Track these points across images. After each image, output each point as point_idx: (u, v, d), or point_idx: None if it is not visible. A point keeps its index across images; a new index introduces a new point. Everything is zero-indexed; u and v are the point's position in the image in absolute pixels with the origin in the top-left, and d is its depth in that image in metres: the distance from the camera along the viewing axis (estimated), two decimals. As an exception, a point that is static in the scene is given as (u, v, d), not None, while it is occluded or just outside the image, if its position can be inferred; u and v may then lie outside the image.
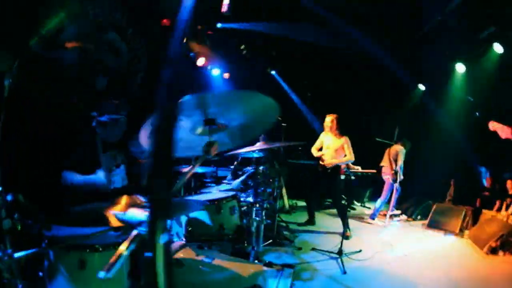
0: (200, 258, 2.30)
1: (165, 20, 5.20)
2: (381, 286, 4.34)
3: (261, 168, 5.04)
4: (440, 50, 9.26)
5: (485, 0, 7.02)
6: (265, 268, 2.22)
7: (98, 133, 2.69)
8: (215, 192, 3.73)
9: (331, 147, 6.68)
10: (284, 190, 8.40)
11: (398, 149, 8.15)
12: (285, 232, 6.29)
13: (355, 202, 10.11)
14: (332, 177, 6.65)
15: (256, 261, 2.94)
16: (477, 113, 9.65)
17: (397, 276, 4.71)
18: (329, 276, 4.47)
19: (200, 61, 7.63)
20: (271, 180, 5.75)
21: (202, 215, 2.89)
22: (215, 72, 8.75)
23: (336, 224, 5.16)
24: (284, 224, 6.73)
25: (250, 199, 3.55)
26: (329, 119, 6.76)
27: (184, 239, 2.81)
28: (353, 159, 6.69)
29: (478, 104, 9.51)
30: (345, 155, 6.65)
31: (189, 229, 2.83)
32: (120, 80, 3.98)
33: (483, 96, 8.62)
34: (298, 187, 8.81)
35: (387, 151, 8.38)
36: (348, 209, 9.06)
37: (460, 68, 9.64)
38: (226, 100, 1.88)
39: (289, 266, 2.37)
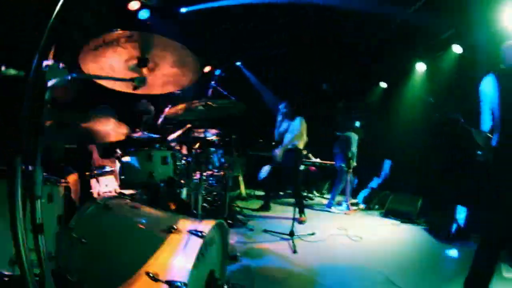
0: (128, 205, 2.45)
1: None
2: (330, 265, 4.14)
3: (211, 149, 4.99)
4: (402, 49, 9.42)
5: (445, 3, 7.12)
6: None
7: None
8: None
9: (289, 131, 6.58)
10: (241, 178, 8.26)
11: (350, 136, 8.19)
12: (239, 216, 6.07)
13: (314, 193, 10.02)
14: (291, 158, 6.45)
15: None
16: (437, 114, 9.83)
17: (348, 257, 4.58)
18: (279, 255, 4.28)
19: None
20: (226, 165, 5.65)
21: (133, 161, 2.85)
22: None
23: (291, 211, 4.96)
24: (238, 209, 6.54)
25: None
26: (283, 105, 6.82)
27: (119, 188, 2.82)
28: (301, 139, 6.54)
29: (438, 105, 9.64)
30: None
31: (122, 177, 2.83)
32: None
33: (442, 97, 8.63)
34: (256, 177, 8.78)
35: (338, 138, 8.41)
36: (307, 198, 9.01)
37: (420, 67, 9.89)
38: (161, 45, 2.02)
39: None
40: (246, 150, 9.22)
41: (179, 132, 3.31)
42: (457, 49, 8.42)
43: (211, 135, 5.19)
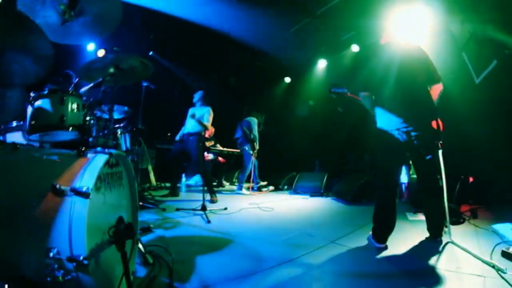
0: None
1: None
2: (244, 229, 4.16)
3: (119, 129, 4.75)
4: (306, 47, 9.87)
5: (347, 9, 7.67)
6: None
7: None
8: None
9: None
10: (150, 168, 8.05)
11: (250, 120, 8.44)
12: (150, 200, 5.86)
13: (224, 182, 10.04)
14: (194, 141, 6.40)
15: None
16: (340, 109, 10.46)
17: (261, 222, 4.66)
18: (192, 225, 4.20)
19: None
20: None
21: (45, 104, 2.68)
22: (90, 47, 8.06)
23: (201, 197, 4.90)
24: (149, 196, 6.33)
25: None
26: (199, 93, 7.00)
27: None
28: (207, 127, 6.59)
29: (339, 100, 10.23)
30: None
31: (32, 122, 2.62)
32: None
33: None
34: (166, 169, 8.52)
35: (239, 124, 8.62)
36: (219, 187, 9.02)
37: (322, 63, 10.51)
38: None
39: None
40: (154, 143, 9.00)
41: (91, 85, 3.10)
42: (355, 48, 9.12)
43: (120, 113, 4.91)
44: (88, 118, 3.02)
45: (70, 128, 2.68)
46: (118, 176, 2.19)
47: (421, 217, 4.36)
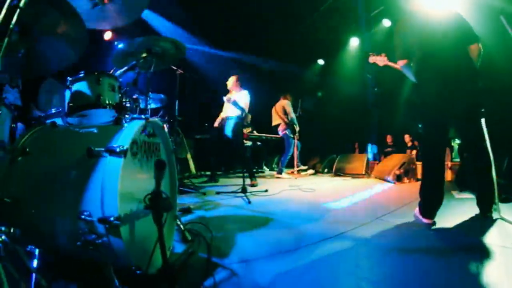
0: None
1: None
2: (285, 208, 4.05)
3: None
4: (335, 27, 9.67)
5: None
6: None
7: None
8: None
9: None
10: (189, 156, 8.06)
11: (284, 103, 8.24)
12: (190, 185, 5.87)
13: (265, 168, 9.98)
14: (233, 126, 6.36)
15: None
16: (376, 89, 10.23)
17: (303, 201, 4.56)
18: (233, 206, 4.14)
19: (107, 35, 7.30)
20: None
21: (82, 86, 2.66)
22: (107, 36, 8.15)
23: (241, 181, 4.85)
24: (190, 183, 6.34)
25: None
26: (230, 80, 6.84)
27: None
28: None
29: (375, 80, 10.02)
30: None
31: (70, 104, 2.61)
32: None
33: (377, 68, 8.98)
34: (205, 158, 8.54)
35: (273, 109, 8.46)
36: (258, 173, 8.97)
37: (354, 42, 10.22)
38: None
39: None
40: (192, 133, 9.04)
41: (125, 68, 3.11)
42: (386, 23, 8.79)
43: (156, 102, 4.93)
44: (124, 99, 3.03)
45: (107, 107, 2.66)
46: (156, 147, 2.17)
47: (468, 195, 4.14)
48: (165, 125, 4.88)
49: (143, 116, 1.99)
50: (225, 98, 6.58)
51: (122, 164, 1.59)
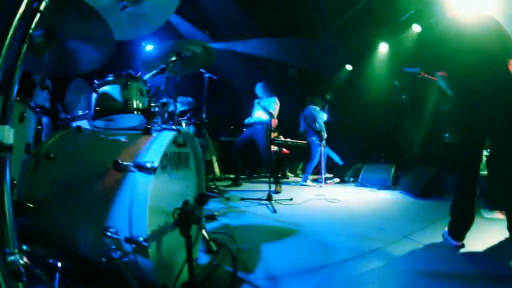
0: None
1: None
2: (311, 220, 4.01)
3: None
4: (364, 32, 9.57)
5: None
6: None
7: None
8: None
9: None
10: (215, 159, 8.12)
11: (311, 110, 8.20)
12: (214, 190, 5.91)
13: (289, 174, 9.94)
14: (261, 131, 6.37)
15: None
16: (404, 96, 10.08)
17: (328, 213, 4.49)
18: (258, 215, 4.12)
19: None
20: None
21: (110, 90, 2.67)
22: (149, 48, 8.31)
23: (265, 187, 4.84)
24: (213, 186, 6.38)
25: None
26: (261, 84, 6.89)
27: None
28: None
29: (403, 87, 9.88)
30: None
31: (97, 108, 2.60)
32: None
33: (406, 75, 8.79)
34: (230, 161, 8.57)
35: (301, 115, 8.43)
36: (283, 179, 8.94)
37: (383, 47, 10.08)
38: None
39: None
40: (218, 135, 9.08)
41: (154, 72, 3.12)
42: (416, 28, 8.65)
43: (184, 104, 4.99)
44: (153, 104, 3.04)
45: (135, 112, 2.67)
46: (185, 157, 2.14)
47: (498, 215, 3.98)
48: (191, 128, 4.96)
49: (174, 127, 1.93)
50: (256, 103, 6.60)
51: (152, 181, 1.54)
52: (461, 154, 3.16)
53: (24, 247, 1.31)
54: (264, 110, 6.23)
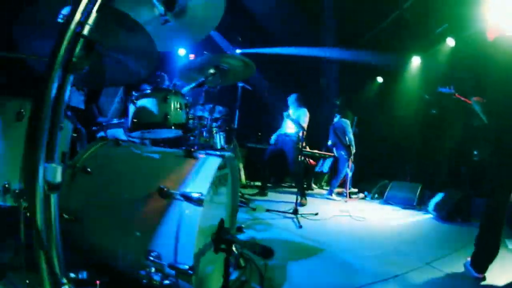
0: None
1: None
2: (336, 238, 4.12)
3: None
4: (397, 45, 9.54)
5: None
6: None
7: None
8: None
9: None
10: (241, 166, 8.25)
11: (343, 123, 8.20)
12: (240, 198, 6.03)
13: (313, 185, 10.01)
14: (290, 142, 6.51)
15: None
16: (434, 111, 9.96)
17: (353, 232, 4.59)
18: (284, 229, 4.23)
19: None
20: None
21: (148, 103, 2.77)
22: (181, 52, 8.63)
23: (290, 198, 4.95)
24: (239, 194, 6.49)
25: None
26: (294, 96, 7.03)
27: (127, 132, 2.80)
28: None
29: (434, 101, 9.78)
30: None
31: (135, 120, 2.71)
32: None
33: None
34: (256, 168, 8.68)
35: (332, 127, 8.44)
36: (308, 190, 9.01)
37: (415, 61, 10.01)
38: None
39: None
40: (245, 142, 9.22)
41: (192, 85, 3.22)
42: (451, 42, 8.61)
43: (219, 113, 5.13)
44: (190, 117, 3.14)
45: (173, 127, 2.76)
46: (224, 178, 2.21)
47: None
48: (221, 135, 5.10)
49: (218, 153, 1.97)
50: (285, 115, 6.72)
51: (200, 213, 1.59)
52: (495, 182, 3.09)
53: (71, 275, 1.43)
54: (295, 123, 6.35)
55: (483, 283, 2.91)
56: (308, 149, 9.16)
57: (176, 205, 1.63)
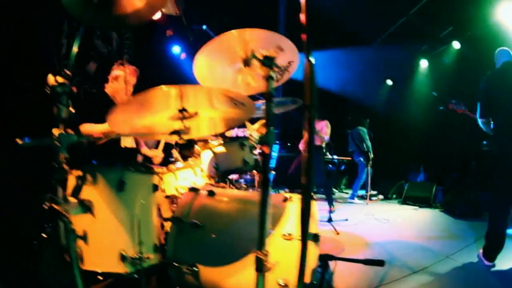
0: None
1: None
2: (371, 239, 4.90)
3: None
4: (405, 48, 10.03)
5: (444, 3, 7.80)
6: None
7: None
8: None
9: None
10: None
11: (360, 131, 8.88)
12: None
13: (333, 189, 10.58)
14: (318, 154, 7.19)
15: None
16: (441, 107, 10.31)
17: (382, 233, 5.37)
18: (323, 236, 4.93)
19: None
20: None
21: (226, 150, 3.06)
22: (176, 50, 8.92)
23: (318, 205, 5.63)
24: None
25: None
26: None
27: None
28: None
29: (441, 98, 10.19)
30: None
31: (215, 166, 2.94)
32: (110, 66, 3.98)
33: (445, 91, 9.08)
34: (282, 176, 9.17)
35: (350, 135, 9.09)
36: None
37: (423, 63, 10.57)
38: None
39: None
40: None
41: (236, 131, 3.42)
42: (456, 45, 9.10)
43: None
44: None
45: (249, 170, 3.15)
46: None
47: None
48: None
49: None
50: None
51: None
52: (500, 187, 3.77)
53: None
54: (316, 134, 7.02)
55: (493, 269, 3.69)
56: (328, 154, 9.77)
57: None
